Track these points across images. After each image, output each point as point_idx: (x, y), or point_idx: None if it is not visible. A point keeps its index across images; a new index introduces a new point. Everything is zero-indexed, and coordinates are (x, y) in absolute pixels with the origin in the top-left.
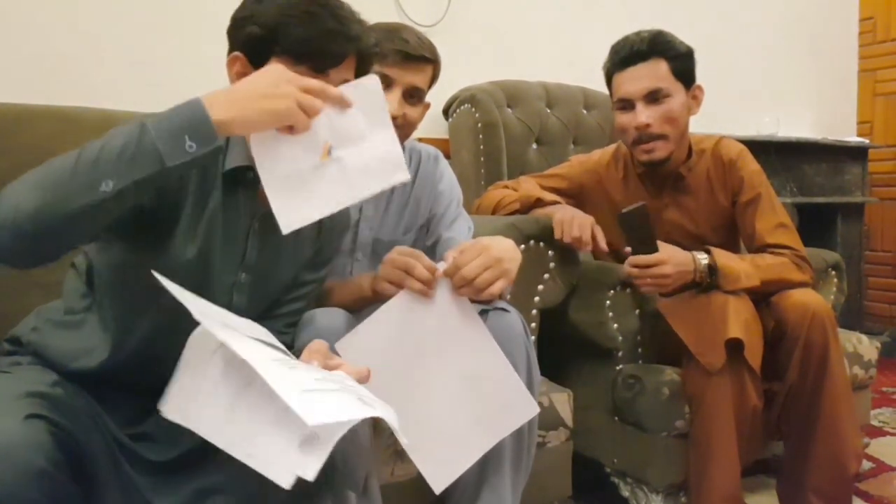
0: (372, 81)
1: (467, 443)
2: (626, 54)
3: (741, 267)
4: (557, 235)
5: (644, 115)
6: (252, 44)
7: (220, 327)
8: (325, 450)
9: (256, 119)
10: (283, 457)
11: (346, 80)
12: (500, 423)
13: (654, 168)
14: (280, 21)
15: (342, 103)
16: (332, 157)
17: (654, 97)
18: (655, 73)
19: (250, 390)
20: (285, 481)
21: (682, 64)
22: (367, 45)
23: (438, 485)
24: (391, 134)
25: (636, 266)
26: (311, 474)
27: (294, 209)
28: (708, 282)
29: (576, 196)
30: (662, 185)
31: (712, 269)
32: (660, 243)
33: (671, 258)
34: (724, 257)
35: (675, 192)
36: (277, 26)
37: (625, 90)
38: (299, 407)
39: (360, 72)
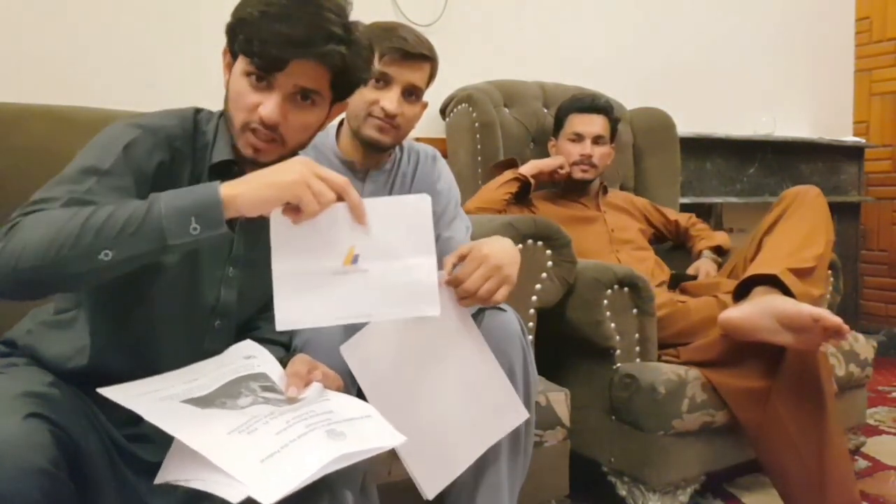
0: (421, 201)
1: (459, 449)
2: (589, 104)
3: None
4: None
5: (589, 149)
6: (228, 36)
7: (174, 417)
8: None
9: (263, 193)
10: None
11: (303, 88)
12: (491, 429)
13: (580, 187)
14: (239, 17)
15: (358, 212)
16: (358, 267)
17: (598, 140)
18: (603, 124)
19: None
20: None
21: (615, 126)
22: (321, 52)
23: (431, 491)
24: (431, 263)
25: None
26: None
27: (297, 308)
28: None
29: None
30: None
31: None
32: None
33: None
34: None
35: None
36: (236, 22)
37: (581, 128)
38: (255, 486)
39: (340, 83)
